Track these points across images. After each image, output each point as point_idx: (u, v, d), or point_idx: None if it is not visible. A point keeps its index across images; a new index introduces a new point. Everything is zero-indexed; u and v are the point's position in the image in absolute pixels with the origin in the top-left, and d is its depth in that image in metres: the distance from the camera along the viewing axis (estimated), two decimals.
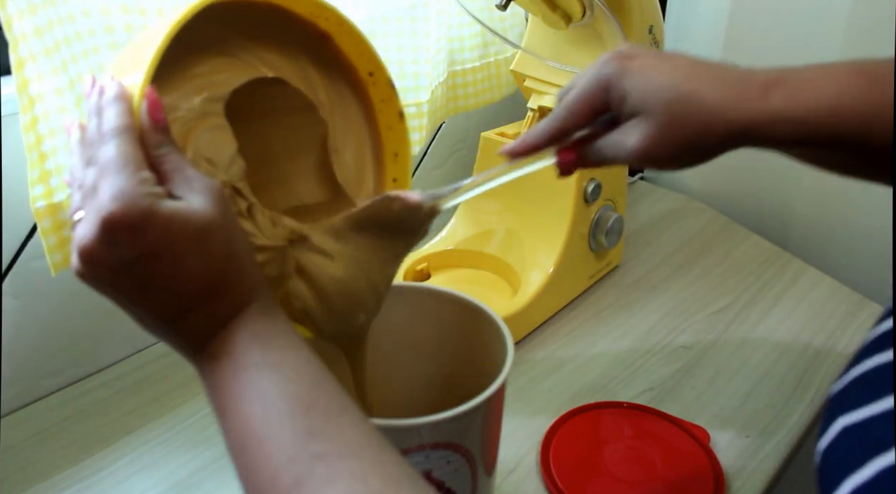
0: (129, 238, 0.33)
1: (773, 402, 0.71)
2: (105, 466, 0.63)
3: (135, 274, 0.35)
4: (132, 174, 0.34)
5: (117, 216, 0.33)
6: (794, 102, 0.39)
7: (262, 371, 0.36)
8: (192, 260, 0.35)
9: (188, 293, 0.36)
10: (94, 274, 0.35)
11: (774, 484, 0.63)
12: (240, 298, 0.37)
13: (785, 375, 0.74)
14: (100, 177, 0.35)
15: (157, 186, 0.35)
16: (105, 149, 0.36)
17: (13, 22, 0.52)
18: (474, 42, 0.92)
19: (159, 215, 0.34)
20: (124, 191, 0.34)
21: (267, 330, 0.37)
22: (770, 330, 0.81)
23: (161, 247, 0.34)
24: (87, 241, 0.34)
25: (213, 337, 0.37)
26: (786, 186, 1.04)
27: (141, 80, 0.37)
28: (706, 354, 0.77)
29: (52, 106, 0.56)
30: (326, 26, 0.48)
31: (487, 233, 0.86)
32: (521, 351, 0.77)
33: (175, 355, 0.39)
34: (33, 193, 0.57)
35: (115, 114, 0.37)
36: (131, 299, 0.36)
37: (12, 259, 0.64)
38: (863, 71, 0.39)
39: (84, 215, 0.35)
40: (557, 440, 0.64)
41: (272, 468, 0.33)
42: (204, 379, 0.37)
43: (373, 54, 0.49)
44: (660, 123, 0.41)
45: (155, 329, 0.38)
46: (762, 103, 0.39)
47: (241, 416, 0.35)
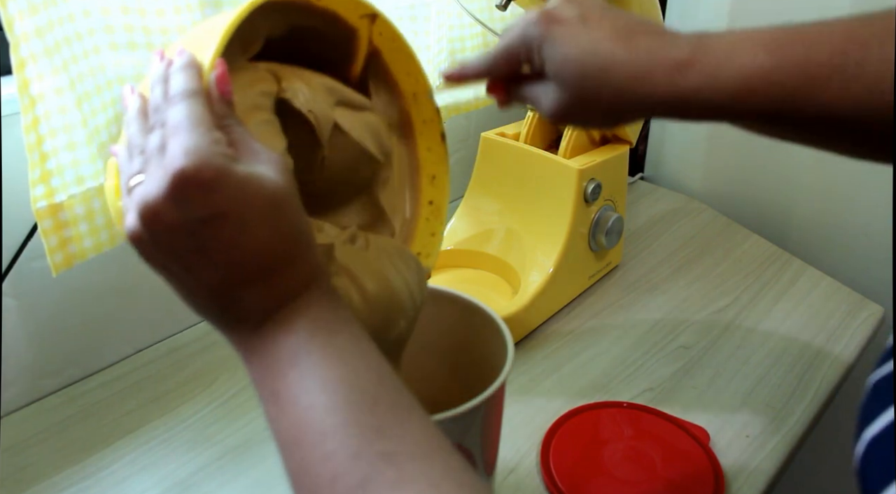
0: (199, 196, 0.31)
1: (773, 402, 0.71)
2: (105, 466, 0.63)
3: (198, 237, 0.32)
4: (206, 133, 0.33)
5: (190, 172, 0.31)
6: (703, 85, 0.40)
7: (326, 358, 0.33)
8: (261, 228, 0.33)
9: (252, 263, 0.33)
10: (154, 234, 0.33)
11: (774, 484, 0.63)
12: (304, 278, 0.35)
13: (785, 375, 0.74)
14: (169, 136, 0.33)
15: (230, 149, 0.34)
16: (175, 109, 0.34)
17: (14, 22, 0.52)
18: (475, 42, 0.92)
19: (233, 176, 0.32)
20: (199, 147, 0.32)
21: (331, 316, 0.35)
22: (770, 330, 0.81)
23: (231, 210, 0.32)
24: (152, 199, 0.32)
25: (271, 316, 0.34)
26: (786, 186, 1.04)
27: (211, 53, 0.36)
28: (706, 354, 0.77)
29: (52, 106, 0.56)
30: (379, 41, 0.47)
31: (487, 233, 0.86)
32: (521, 351, 0.77)
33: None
34: (34, 193, 0.57)
35: (186, 78, 0.35)
36: (187, 265, 0.33)
37: (12, 259, 0.64)
38: (774, 48, 0.39)
39: (147, 176, 0.33)
40: (557, 440, 0.64)
41: (333, 465, 0.30)
42: (252, 361, 0.35)
43: (420, 75, 0.49)
44: (571, 93, 0.43)
45: (204, 302, 0.35)
46: (671, 84, 0.40)
47: (298, 406, 0.32)
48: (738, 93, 0.39)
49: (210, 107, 0.35)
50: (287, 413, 0.32)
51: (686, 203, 1.11)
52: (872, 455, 0.31)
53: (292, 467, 0.32)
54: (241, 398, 0.71)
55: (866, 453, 0.31)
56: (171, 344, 0.77)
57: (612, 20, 0.43)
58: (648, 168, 1.21)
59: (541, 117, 0.84)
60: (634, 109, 0.43)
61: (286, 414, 0.32)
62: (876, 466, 0.30)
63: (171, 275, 0.35)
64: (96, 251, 0.61)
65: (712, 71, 0.40)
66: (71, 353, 0.71)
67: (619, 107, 0.42)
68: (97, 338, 0.73)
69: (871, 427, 0.31)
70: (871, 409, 0.32)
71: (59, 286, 0.67)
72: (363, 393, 0.32)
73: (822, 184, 1.00)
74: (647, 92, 0.41)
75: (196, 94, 0.35)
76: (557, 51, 0.42)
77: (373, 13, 0.45)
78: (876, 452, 0.31)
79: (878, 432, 0.31)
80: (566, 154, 0.82)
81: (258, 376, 0.34)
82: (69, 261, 0.60)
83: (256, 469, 0.63)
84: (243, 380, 0.73)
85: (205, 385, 0.72)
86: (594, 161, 0.81)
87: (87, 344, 0.72)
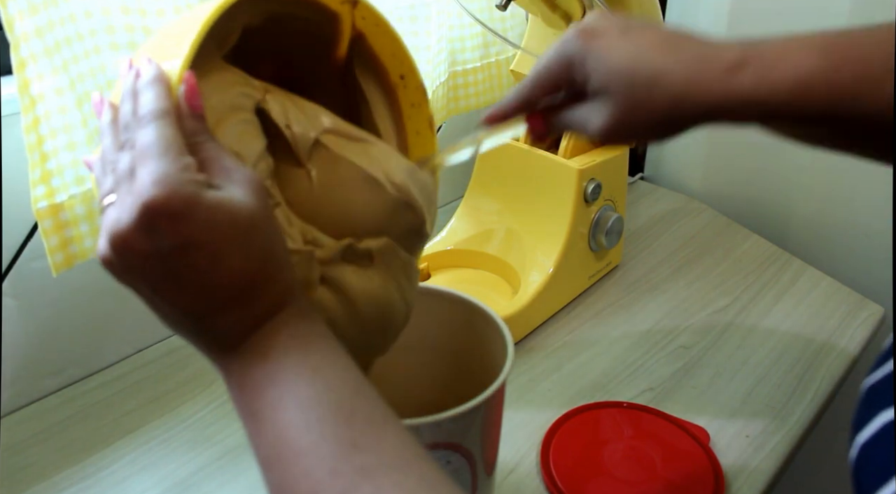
0: (169, 226, 0.31)
1: (773, 402, 0.71)
2: (105, 466, 0.63)
3: (169, 266, 0.32)
4: (175, 159, 0.32)
5: (160, 202, 0.31)
6: (759, 84, 0.39)
7: (301, 375, 0.33)
8: (233, 254, 0.33)
9: (225, 289, 0.33)
10: (125, 262, 0.33)
11: (774, 484, 0.63)
12: (278, 298, 0.35)
13: (785, 375, 0.74)
14: (138, 161, 0.33)
15: (200, 174, 0.33)
16: (144, 132, 0.34)
17: (14, 22, 0.52)
18: (475, 42, 0.92)
19: (203, 204, 0.32)
20: (167, 177, 0.31)
21: (306, 333, 0.35)
22: (770, 330, 0.81)
23: (202, 239, 0.32)
24: (122, 227, 0.32)
25: (247, 337, 0.35)
26: (786, 186, 1.04)
27: (179, 64, 0.36)
28: (706, 354, 0.77)
29: (53, 106, 0.56)
30: (362, 25, 0.47)
31: (487, 233, 0.86)
32: (521, 351, 0.77)
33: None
34: (35, 194, 0.57)
35: (154, 96, 0.35)
36: (160, 292, 0.34)
37: (12, 259, 0.64)
38: (827, 50, 0.38)
39: (117, 200, 0.33)
40: (557, 440, 0.64)
41: (312, 481, 0.31)
42: (230, 382, 0.35)
43: (406, 56, 0.48)
44: (622, 106, 0.41)
45: (180, 325, 0.35)
46: (727, 85, 0.39)
47: (276, 423, 0.32)
48: (795, 92, 0.38)
49: (180, 125, 0.35)
50: (265, 431, 0.33)
51: (686, 203, 1.11)
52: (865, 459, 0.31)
53: (273, 484, 0.32)
54: None
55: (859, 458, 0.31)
56: (171, 344, 0.77)
57: (653, 30, 0.41)
58: (648, 168, 1.21)
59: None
60: (689, 117, 0.41)
61: (264, 433, 0.33)
62: (869, 469, 0.30)
63: (144, 298, 0.35)
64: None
65: (767, 71, 0.38)
66: (71, 353, 0.71)
67: (674, 115, 0.40)
68: (97, 338, 0.73)
69: (863, 433, 0.32)
70: (863, 415, 0.32)
71: (59, 286, 0.67)
72: (339, 408, 0.33)
73: (822, 184, 1.00)
74: (703, 96, 0.39)
75: (165, 115, 0.34)
76: (603, 63, 0.41)
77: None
78: (869, 455, 0.31)
79: (870, 436, 0.31)
80: (566, 154, 0.82)
81: (237, 395, 0.35)
82: (69, 261, 0.60)
83: (256, 470, 0.62)
84: None
85: (205, 385, 0.72)
86: (594, 161, 0.81)
87: (87, 344, 0.72)
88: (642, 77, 0.40)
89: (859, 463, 0.31)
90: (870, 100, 0.37)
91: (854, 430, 0.32)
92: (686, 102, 0.39)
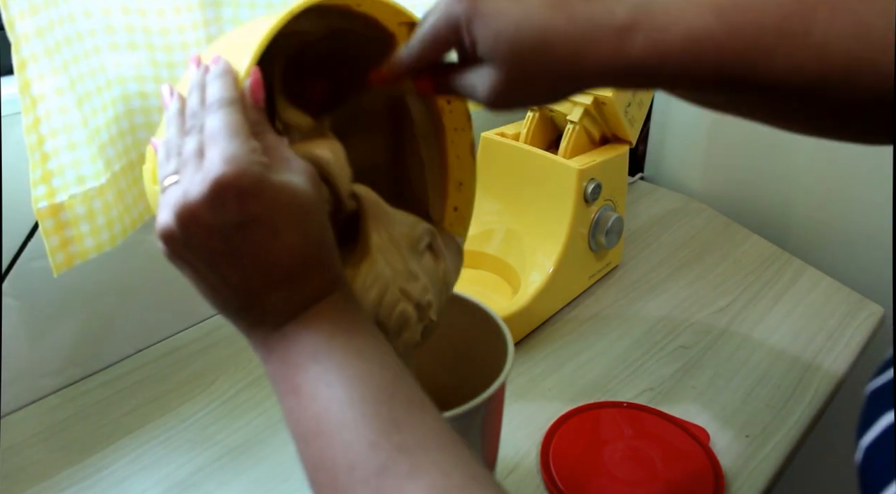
0: (237, 202, 0.33)
1: (773, 402, 0.71)
2: (105, 466, 0.63)
3: (231, 241, 0.34)
4: (244, 141, 0.34)
5: (230, 179, 0.33)
6: (650, 48, 0.37)
7: (346, 356, 0.35)
8: (292, 235, 0.34)
9: (280, 267, 0.35)
10: (188, 236, 0.34)
11: (774, 484, 0.63)
12: (326, 283, 0.37)
13: (785, 375, 0.74)
14: (208, 143, 0.35)
15: (265, 157, 0.35)
16: (213, 117, 0.35)
17: (15, 22, 0.52)
18: None
19: (269, 184, 0.34)
20: (238, 156, 0.33)
21: (351, 319, 0.37)
22: (770, 330, 0.81)
23: (265, 217, 0.34)
24: (191, 201, 0.33)
25: (294, 316, 0.36)
26: (786, 186, 1.04)
27: (248, 61, 0.37)
28: (706, 354, 0.77)
29: (53, 106, 0.56)
30: None
31: (487, 233, 0.86)
32: (521, 351, 0.77)
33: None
34: (35, 194, 0.57)
35: (223, 86, 0.37)
36: (216, 267, 0.35)
37: (12, 259, 0.64)
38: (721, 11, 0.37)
39: (182, 178, 0.34)
40: (557, 440, 0.64)
41: (352, 454, 0.32)
42: (271, 357, 0.36)
43: None
44: (510, 74, 0.39)
45: (227, 302, 0.37)
46: (616, 51, 0.37)
47: (319, 398, 0.34)
48: (685, 58, 0.37)
49: (245, 114, 0.36)
50: (307, 406, 0.34)
51: (686, 203, 1.11)
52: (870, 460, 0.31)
53: (311, 456, 0.33)
54: (241, 398, 0.71)
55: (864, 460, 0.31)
56: (171, 344, 0.77)
57: None
58: (648, 168, 1.21)
59: (538, 119, 0.84)
60: (580, 81, 0.39)
61: (306, 407, 0.34)
62: (874, 470, 0.31)
63: (196, 274, 0.36)
64: (97, 251, 0.61)
65: (657, 34, 0.37)
66: (71, 353, 0.71)
67: (564, 80, 0.39)
68: (97, 338, 0.73)
69: (868, 435, 0.32)
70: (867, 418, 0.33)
71: (60, 286, 0.67)
72: (380, 389, 0.34)
73: (822, 184, 1.00)
74: (592, 61, 0.38)
75: (233, 103, 0.36)
76: (488, 27, 0.39)
77: (411, 21, 0.45)
78: (873, 457, 0.31)
79: (874, 438, 0.31)
80: (566, 154, 0.82)
81: (278, 371, 0.36)
82: (70, 261, 0.60)
83: (256, 469, 0.63)
84: (243, 380, 0.73)
85: (205, 385, 0.72)
86: (594, 161, 0.81)
87: (87, 344, 0.72)
88: (529, 42, 0.38)
89: (864, 465, 0.31)
90: (762, 65, 0.36)
91: (859, 433, 0.33)
92: (575, 67, 0.38)
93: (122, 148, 0.63)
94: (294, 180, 0.35)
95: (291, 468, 0.63)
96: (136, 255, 0.72)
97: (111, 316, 0.73)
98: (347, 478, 0.31)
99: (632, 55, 0.37)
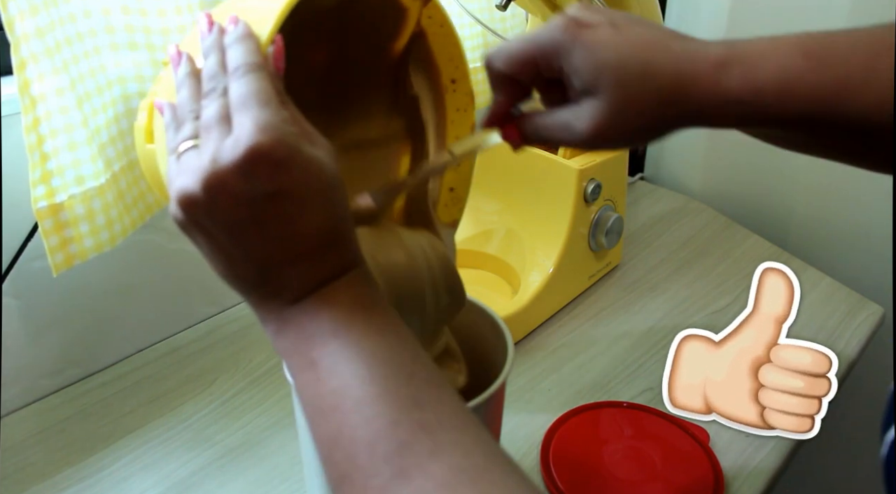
0: (268, 172, 0.32)
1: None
2: (105, 466, 0.63)
3: (258, 210, 0.33)
4: (277, 110, 0.33)
5: (266, 148, 0.32)
6: (745, 83, 0.38)
7: (366, 332, 0.34)
8: (317, 209, 0.34)
9: (304, 240, 0.34)
10: (213, 203, 0.33)
11: (774, 484, 0.63)
12: (346, 260, 0.36)
13: None
14: (238, 109, 0.34)
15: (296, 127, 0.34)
16: (241, 82, 0.34)
17: (14, 23, 0.52)
18: (475, 42, 0.92)
19: (301, 156, 0.33)
20: (272, 125, 0.32)
21: (370, 297, 0.36)
22: None
23: (294, 189, 0.33)
24: (221, 167, 0.32)
25: (312, 291, 0.35)
26: (786, 186, 1.04)
27: (270, 27, 0.36)
28: None
29: (53, 106, 0.56)
30: (427, 24, 0.46)
31: (487, 233, 0.86)
32: (521, 351, 0.77)
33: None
34: (35, 194, 0.57)
35: (247, 50, 0.36)
36: (239, 237, 0.34)
37: (12, 259, 0.64)
38: (809, 51, 0.38)
39: (204, 143, 0.34)
40: (557, 440, 0.64)
41: (371, 430, 0.31)
42: (285, 331, 0.36)
43: (462, 61, 0.47)
44: (612, 104, 0.38)
45: (243, 274, 0.36)
46: (715, 82, 0.38)
47: (338, 374, 0.33)
48: (779, 92, 0.37)
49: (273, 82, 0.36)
50: (325, 381, 0.33)
51: (686, 203, 1.11)
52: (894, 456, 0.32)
53: (327, 433, 0.33)
54: (241, 398, 0.71)
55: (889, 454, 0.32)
56: (171, 344, 0.77)
57: (643, 25, 0.40)
58: (648, 168, 1.21)
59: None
60: (679, 116, 0.39)
61: (324, 382, 0.33)
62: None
63: (213, 244, 0.35)
64: (97, 251, 0.61)
65: (751, 71, 0.38)
66: (71, 353, 0.71)
67: (670, 107, 0.39)
68: (97, 338, 0.73)
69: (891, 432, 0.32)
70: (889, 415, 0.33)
71: (60, 286, 0.67)
72: (400, 366, 0.33)
73: (822, 184, 1.00)
74: (692, 93, 0.38)
75: (260, 69, 0.35)
76: (592, 57, 0.39)
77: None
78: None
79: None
80: (566, 154, 0.82)
81: (293, 346, 0.35)
82: (70, 261, 0.60)
83: (256, 469, 0.63)
84: (243, 380, 0.73)
85: (205, 385, 0.72)
86: (594, 161, 0.81)
87: (87, 344, 0.72)
88: (634, 69, 0.38)
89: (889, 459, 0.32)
90: (851, 103, 0.37)
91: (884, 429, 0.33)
92: (677, 98, 0.38)
93: (122, 148, 0.63)
94: (320, 155, 0.34)
95: (291, 468, 0.63)
96: (136, 255, 0.72)
97: (111, 316, 0.73)
98: (368, 455, 0.31)
99: (730, 89, 0.38)
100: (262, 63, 0.35)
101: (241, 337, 0.79)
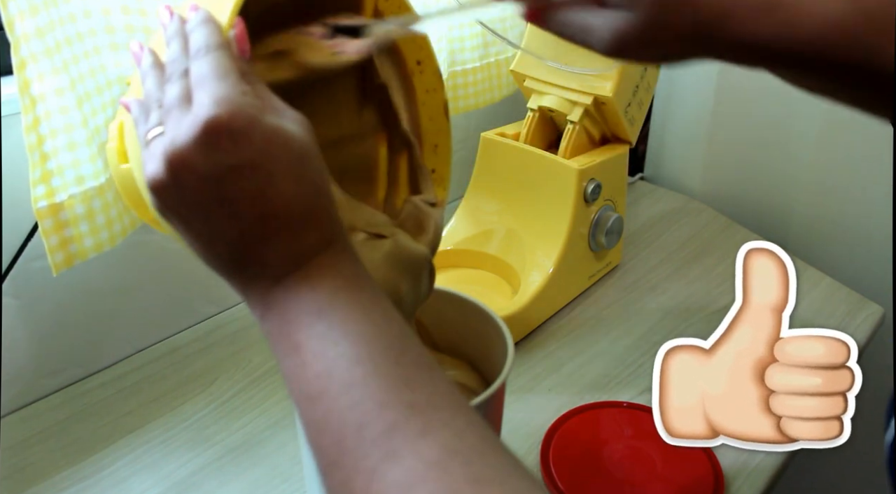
0: (229, 144, 0.32)
1: None
2: (105, 466, 0.63)
3: (225, 187, 0.32)
4: (235, 83, 0.33)
5: (223, 119, 0.31)
6: (782, 30, 0.37)
7: (352, 312, 0.33)
8: (288, 181, 0.33)
9: (277, 216, 0.33)
10: (180, 185, 0.32)
11: (774, 484, 0.63)
12: (326, 234, 0.35)
13: None
14: (196, 86, 0.33)
15: (258, 100, 0.33)
16: (201, 61, 0.34)
17: (14, 22, 0.52)
18: (474, 42, 0.92)
19: (262, 126, 0.32)
20: (229, 97, 0.32)
21: (354, 274, 0.35)
22: None
23: (259, 160, 0.32)
24: (180, 145, 0.32)
25: (294, 270, 0.34)
26: (786, 186, 1.04)
27: (229, 10, 0.36)
28: None
29: (53, 106, 0.56)
30: (384, 7, 0.46)
31: (487, 233, 0.86)
32: (521, 351, 0.77)
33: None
34: (35, 193, 0.57)
35: (207, 33, 0.36)
36: (210, 216, 0.33)
37: (12, 259, 0.64)
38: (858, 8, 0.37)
39: (169, 126, 0.33)
40: (557, 440, 0.64)
41: (360, 413, 0.30)
42: (269, 314, 0.34)
43: (425, 42, 0.47)
44: (642, 22, 0.38)
45: (222, 255, 0.35)
46: (753, 25, 0.37)
47: (324, 356, 0.32)
48: (814, 42, 0.37)
49: (234, 59, 0.35)
50: (311, 364, 0.32)
51: (686, 203, 1.11)
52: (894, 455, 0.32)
53: (315, 418, 0.32)
54: (241, 398, 0.71)
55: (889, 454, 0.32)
56: (171, 344, 0.77)
57: None
58: (648, 168, 1.21)
59: (538, 119, 0.84)
60: (707, 49, 0.39)
61: (310, 366, 0.32)
62: None
63: (189, 227, 0.34)
64: (97, 250, 0.61)
65: (794, 17, 0.37)
66: (71, 353, 0.71)
67: (691, 43, 0.38)
68: (97, 338, 0.73)
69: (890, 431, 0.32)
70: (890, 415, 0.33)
71: (60, 286, 0.67)
72: (388, 347, 0.32)
73: (822, 184, 1.00)
74: (728, 32, 0.37)
75: (221, 47, 0.35)
76: None
77: None
78: None
79: None
80: (566, 154, 0.82)
81: (277, 329, 0.34)
82: (70, 261, 0.60)
83: (256, 469, 0.63)
84: (243, 380, 0.73)
85: (205, 385, 0.72)
86: (594, 161, 0.81)
87: (87, 343, 0.72)
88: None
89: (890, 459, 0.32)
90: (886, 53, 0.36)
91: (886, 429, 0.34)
92: (711, 32, 0.38)
93: None
94: (287, 125, 0.34)
95: (291, 468, 0.63)
96: (136, 255, 0.72)
97: (111, 316, 0.73)
98: (356, 438, 0.30)
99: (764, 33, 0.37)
100: (221, 42, 0.35)
101: (242, 337, 0.79)
